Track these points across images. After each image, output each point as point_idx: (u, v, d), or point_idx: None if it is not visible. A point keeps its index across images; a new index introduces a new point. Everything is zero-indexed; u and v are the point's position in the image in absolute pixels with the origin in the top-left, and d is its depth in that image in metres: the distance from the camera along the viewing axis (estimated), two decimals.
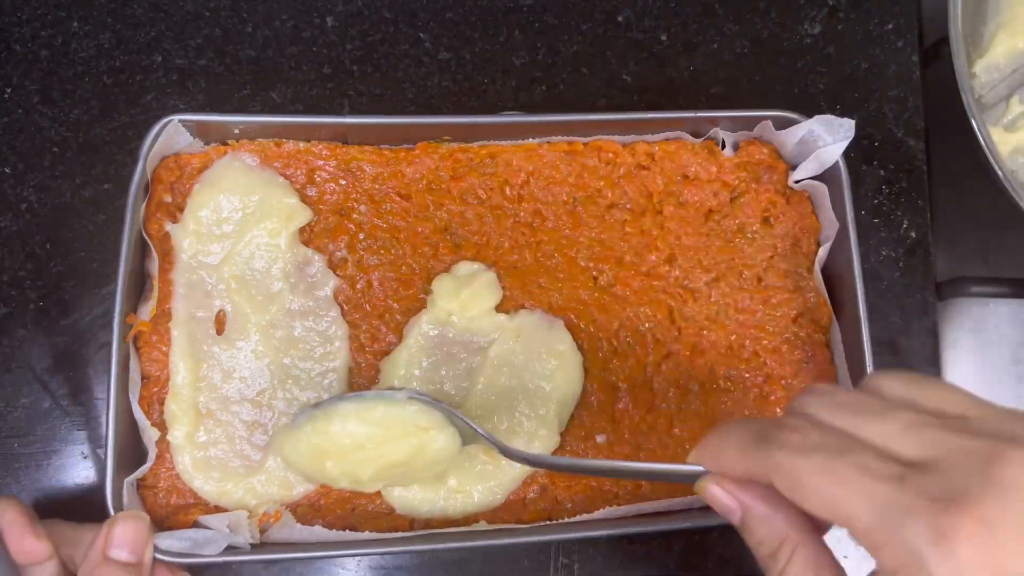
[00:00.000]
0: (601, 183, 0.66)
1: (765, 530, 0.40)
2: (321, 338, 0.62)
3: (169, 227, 0.61)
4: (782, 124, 0.65)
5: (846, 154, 0.63)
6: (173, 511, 0.58)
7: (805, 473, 0.36)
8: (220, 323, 0.61)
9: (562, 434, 0.62)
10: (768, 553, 0.40)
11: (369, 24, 0.76)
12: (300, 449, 0.54)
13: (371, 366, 0.62)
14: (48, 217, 0.70)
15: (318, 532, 0.57)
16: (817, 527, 0.40)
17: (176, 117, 0.60)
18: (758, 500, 0.40)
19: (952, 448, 0.34)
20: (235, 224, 0.62)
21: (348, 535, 0.58)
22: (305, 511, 0.59)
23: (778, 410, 0.64)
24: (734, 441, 0.40)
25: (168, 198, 0.62)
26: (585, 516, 0.60)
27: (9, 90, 0.72)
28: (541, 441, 0.61)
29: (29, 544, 0.52)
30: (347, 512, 0.60)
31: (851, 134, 0.62)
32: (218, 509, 0.59)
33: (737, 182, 0.67)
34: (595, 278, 0.65)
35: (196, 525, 0.57)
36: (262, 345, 0.61)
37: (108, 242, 0.69)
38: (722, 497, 0.42)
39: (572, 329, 0.64)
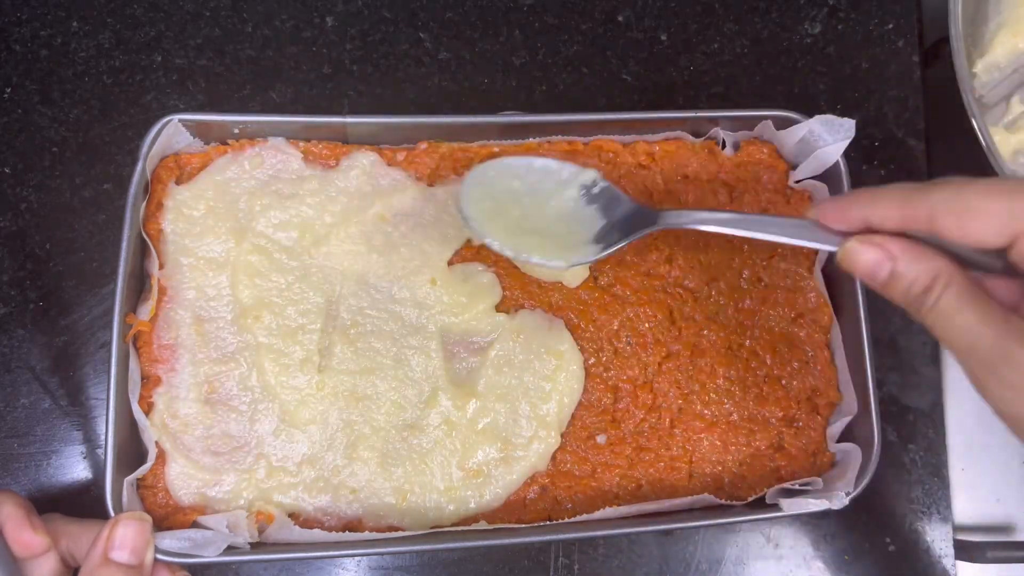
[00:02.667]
0: None
1: (918, 269, 0.43)
2: None
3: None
4: (782, 124, 0.65)
5: (846, 154, 0.63)
6: (173, 511, 0.58)
7: (972, 197, 0.40)
8: None
9: (563, 434, 0.62)
10: (921, 289, 0.43)
11: (369, 24, 0.76)
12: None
13: None
14: (48, 217, 0.70)
15: (317, 533, 0.57)
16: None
17: (176, 117, 0.60)
18: (908, 245, 0.43)
19: None
20: None
21: (348, 535, 0.58)
22: (307, 519, 0.59)
23: (776, 409, 0.64)
24: (890, 194, 0.43)
25: (168, 201, 0.62)
26: (585, 516, 0.60)
27: (9, 90, 0.72)
28: (541, 441, 0.61)
29: (27, 537, 0.53)
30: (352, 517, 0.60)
31: (851, 134, 0.62)
32: (217, 510, 0.59)
33: (737, 182, 0.67)
34: (595, 278, 0.65)
35: (196, 525, 0.57)
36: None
37: (108, 242, 0.69)
38: (872, 255, 0.44)
39: (572, 329, 0.64)
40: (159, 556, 0.54)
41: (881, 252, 0.44)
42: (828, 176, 0.65)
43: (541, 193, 0.58)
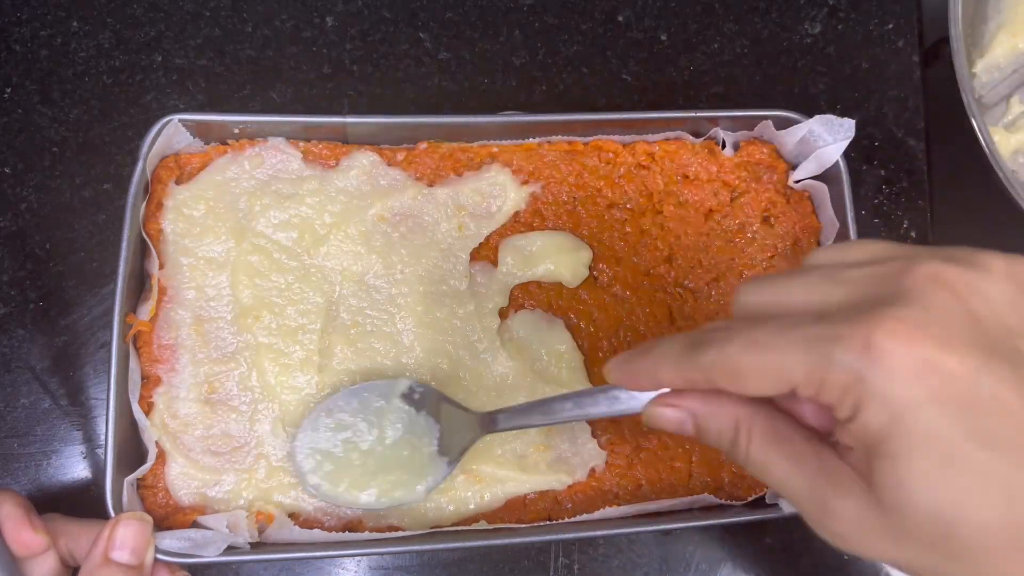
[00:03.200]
0: (601, 183, 0.66)
1: (718, 422, 0.40)
2: None
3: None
4: (782, 124, 0.65)
5: (846, 154, 0.63)
6: (173, 511, 0.58)
7: (736, 358, 0.36)
8: None
9: None
10: (728, 441, 0.40)
11: (369, 24, 0.76)
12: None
13: None
14: (48, 217, 0.70)
15: (317, 533, 0.57)
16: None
17: (176, 117, 0.60)
18: (700, 400, 0.41)
19: (865, 277, 0.35)
20: None
21: (348, 535, 0.58)
22: (307, 519, 0.59)
23: None
24: (666, 357, 0.40)
25: (168, 201, 0.62)
26: (585, 516, 0.60)
27: (9, 90, 0.72)
28: None
29: (27, 536, 0.53)
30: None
31: (851, 134, 0.62)
32: (217, 510, 0.59)
33: (737, 182, 0.67)
34: (595, 278, 0.65)
35: (196, 525, 0.57)
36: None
37: (108, 242, 0.69)
38: (671, 415, 0.42)
39: (572, 329, 0.64)
40: (159, 556, 0.54)
41: (678, 411, 0.42)
42: (828, 176, 0.65)
43: (370, 421, 0.57)
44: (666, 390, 0.43)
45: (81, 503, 0.66)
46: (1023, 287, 0.34)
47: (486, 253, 0.65)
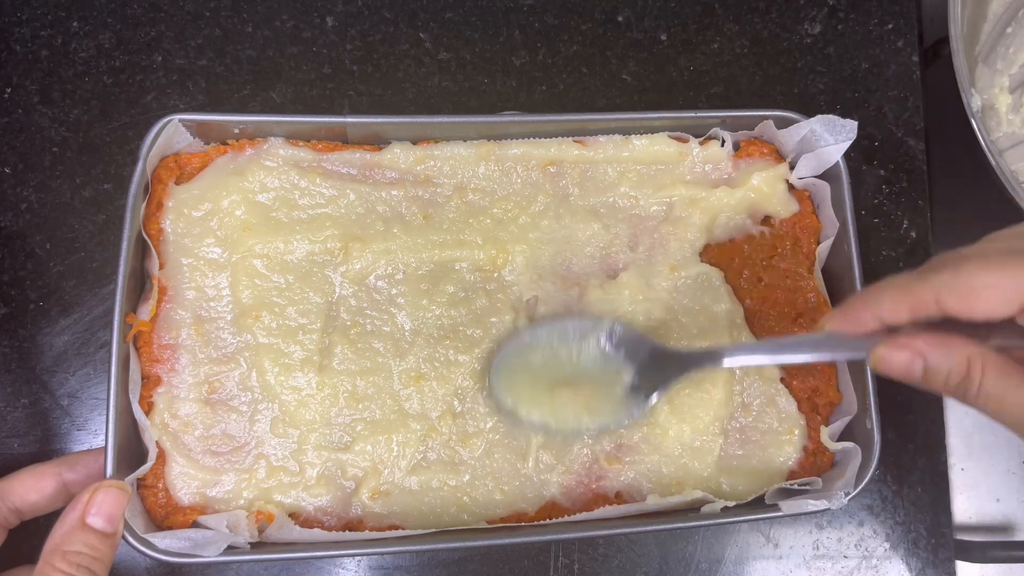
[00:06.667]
0: None
1: (949, 360, 0.43)
2: None
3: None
4: (782, 124, 0.65)
5: (846, 154, 0.63)
6: (173, 511, 0.58)
7: (972, 275, 0.41)
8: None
9: None
10: (959, 379, 0.44)
11: (369, 24, 0.76)
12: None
13: None
14: (48, 217, 0.70)
15: (317, 533, 0.57)
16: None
17: (176, 117, 0.60)
18: (930, 340, 0.44)
19: None
20: None
21: (348, 535, 0.58)
22: (307, 519, 0.59)
23: None
24: (891, 289, 0.44)
25: (168, 201, 0.61)
26: (585, 516, 0.60)
27: (9, 90, 0.72)
28: None
29: None
30: (348, 516, 0.60)
31: (853, 135, 0.62)
32: (217, 509, 0.59)
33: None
34: None
35: (196, 525, 0.57)
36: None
37: (108, 242, 0.69)
38: (899, 358, 0.45)
39: None
40: (160, 556, 0.54)
41: (909, 352, 0.44)
42: (828, 176, 0.65)
43: (569, 351, 0.60)
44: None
45: None
46: None
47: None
